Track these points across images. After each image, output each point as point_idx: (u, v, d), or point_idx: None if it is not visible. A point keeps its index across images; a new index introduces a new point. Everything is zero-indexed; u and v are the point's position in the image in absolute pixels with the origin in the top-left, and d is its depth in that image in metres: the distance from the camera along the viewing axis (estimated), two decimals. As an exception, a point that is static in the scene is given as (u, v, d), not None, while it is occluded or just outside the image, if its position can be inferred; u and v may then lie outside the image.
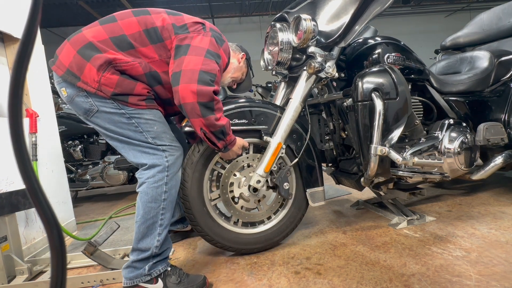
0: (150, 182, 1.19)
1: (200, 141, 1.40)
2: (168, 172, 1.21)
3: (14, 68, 0.33)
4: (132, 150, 1.21)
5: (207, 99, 1.14)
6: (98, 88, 1.13)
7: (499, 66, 1.86)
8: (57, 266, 0.35)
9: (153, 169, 1.19)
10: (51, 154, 2.01)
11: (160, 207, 1.20)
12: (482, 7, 10.51)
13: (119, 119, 1.17)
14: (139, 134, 1.19)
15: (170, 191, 1.23)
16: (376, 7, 1.40)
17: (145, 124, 1.19)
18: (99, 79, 1.12)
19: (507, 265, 1.19)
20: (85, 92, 1.14)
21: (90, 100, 1.15)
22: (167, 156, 1.21)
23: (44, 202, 0.34)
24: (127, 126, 1.18)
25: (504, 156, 1.77)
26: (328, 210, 2.07)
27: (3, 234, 1.41)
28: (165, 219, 1.22)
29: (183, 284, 1.21)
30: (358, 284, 1.16)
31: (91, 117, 1.18)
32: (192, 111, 1.14)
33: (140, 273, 1.18)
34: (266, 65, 1.69)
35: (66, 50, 1.15)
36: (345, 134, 1.76)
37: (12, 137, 0.33)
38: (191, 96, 1.12)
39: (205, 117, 1.16)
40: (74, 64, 1.13)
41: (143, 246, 1.18)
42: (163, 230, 1.21)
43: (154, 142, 1.20)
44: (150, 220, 1.19)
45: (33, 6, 0.33)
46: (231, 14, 9.99)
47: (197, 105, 1.13)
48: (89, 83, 1.12)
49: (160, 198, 1.20)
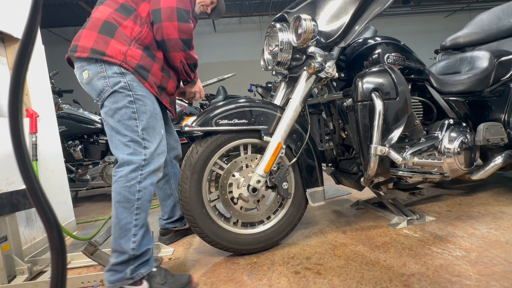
0: (122, 181, 1.18)
1: (198, 142, 1.40)
2: (143, 171, 1.21)
3: (14, 68, 0.33)
4: (117, 139, 1.23)
5: (188, 36, 1.28)
6: (123, 60, 1.21)
7: (499, 66, 1.86)
8: (57, 266, 0.35)
9: (126, 168, 1.19)
10: (51, 154, 2.01)
11: (134, 207, 1.18)
12: (482, 7, 10.50)
13: (123, 100, 1.21)
14: (132, 121, 1.21)
15: (145, 190, 1.21)
16: (376, 7, 1.40)
17: (143, 113, 1.23)
18: (125, 51, 1.22)
19: (507, 265, 1.19)
20: (105, 72, 1.20)
21: (107, 81, 1.20)
22: (146, 154, 1.22)
23: (44, 202, 0.34)
24: (126, 110, 1.21)
25: (504, 156, 1.77)
26: (328, 210, 2.07)
27: (3, 234, 1.41)
28: (140, 219, 1.20)
29: (168, 284, 1.20)
30: (358, 284, 1.16)
31: (104, 100, 1.22)
32: (175, 46, 1.28)
33: (122, 276, 1.16)
34: (266, 65, 1.69)
35: (86, 35, 1.22)
36: (345, 134, 1.76)
37: (12, 137, 0.33)
38: (174, 33, 1.25)
39: (186, 52, 1.31)
40: (99, 43, 1.20)
41: (119, 248, 1.17)
42: (138, 231, 1.19)
43: (141, 134, 1.22)
44: (123, 220, 1.17)
45: (33, 6, 0.33)
46: (231, 14, 9.99)
47: (180, 41, 1.27)
48: (114, 56, 1.19)
49: (133, 198, 1.18)
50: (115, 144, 1.23)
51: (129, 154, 1.20)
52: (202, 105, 5.81)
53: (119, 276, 1.16)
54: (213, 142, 1.39)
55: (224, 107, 1.41)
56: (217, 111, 1.39)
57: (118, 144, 1.22)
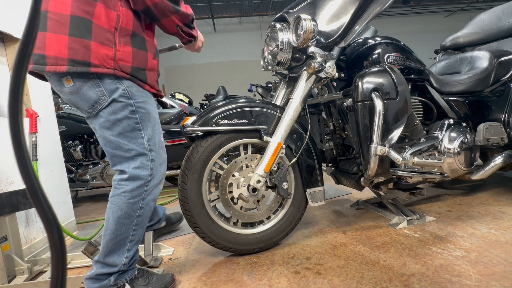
0: (126, 197, 1.10)
1: (198, 142, 1.40)
2: (148, 186, 1.13)
3: (14, 68, 0.33)
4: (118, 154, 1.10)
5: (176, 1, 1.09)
6: (115, 67, 1.01)
7: (499, 66, 1.86)
8: (57, 266, 0.35)
9: (132, 183, 1.10)
10: (51, 154, 2.01)
11: (133, 223, 1.13)
12: (482, 7, 10.51)
13: (124, 111, 1.06)
14: (136, 132, 1.09)
15: (146, 206, 1.15)
16: (376, 7, 1.40)
17: (147, 122, 1.12)
18: (113, 55, 1.00)
19: (507, 265, 1.19)
20: (97, 79, 1.01)
21: (102, 89, 1.02)
22: (152, 168, 1.13)
23: (44, 202, 0.34)
24: (127, 121, 1.07)
25: (504, 156, 1.77)
26: (328, 210, 2.07)
27: (3, 234, 1.41)
28: (137, 235, 1.15)
29: (151, 285, 1.19)
30: (358, 284, 1.16)
31: (98, 111, 1.05)
32: (165, 10, 1.06)
33: (106, 284, 1.12)
34: (266, 65, 1.69)
35: (52, 40, 0.96)
36: (345, 134, 1.76)
37: (12, 137, 0.33)
38: None
39: (178, 12, 1.10)
40: (76, 50, 0.96)
41: (110, 261, 1.12)
42: (133, 246, 1.15)
43: (147, 146, 1.12)
44: (120, 236, 1.11)
45: (33, 6, 0.33)
46: (231, 14, 9.99)
47: (167, 2, 1.05)
48: (102, 64, 0.99)
49: (135, 215, 1.12)
50: (117, 158, 1.11)
51: (136, 169, 1.10)
52: (202, 105, 5.81)
53: (102, 283, 1.12)
54: (213, 142, 1.39)
55: (224, 107, 1.41)
56: (217, 111, 1.39)
57: (120, 158, 1.11)
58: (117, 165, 1.12)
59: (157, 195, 1.19)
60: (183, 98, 5.02)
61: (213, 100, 4.97)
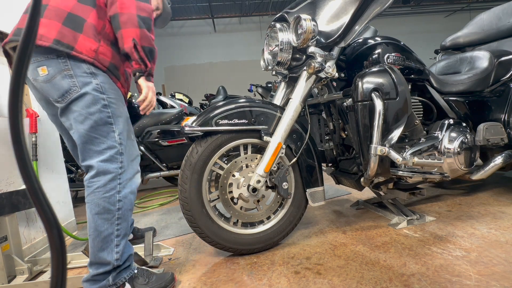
0: (100, 192, 1.11)
1: (198, 142, 1.40)
2: (121, 179, 1.14)
3: (14, 68, 0.33)
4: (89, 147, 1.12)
5: (147, 14, 1.14)
6: (95, 57, 1.10)
7: (499, 66, 1.86)
8: (57, 266, 0.35)
9: (103, 177, 1.11)
10: (51, 154, 2.01)
11: (115, 218, 1.13)
12: (482, 7, 10.52)
13: (96, 104, 1.10)
14: (107, 126, 1.13)
15: (125, 199, 1.15)
16: (376, 7, 1.40)
17: (118, 117, 1.16)
18: (96, 48, 1.10)
19: (507, 265, 1.19)
20: (71, 70, 1.07)
21: (74, 80, 1.08)
22: (122, 161, 1.15)
23: (44, 202, 0.34)
24: (100, 114, 1.11)
25: (504, 156, 1.77)
26: (328, 210, 2.07)
27: (3, 234, 1.41)
28: (122, 228, 1.15)
29: (151, 284, 1.19)
30: (358, 284, 1.16)
31: (70, 102, 1.09)
32: (129, 20, 1.10)
33: (104, 284, 1.12)
34: (266, 65, 1.69)
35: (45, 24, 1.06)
36: (345, 134, 1.76)
37: (12, 137, 0.33)
38: (131, 7, 1.10)
39: (141, 29, 1.13)
40: (65, 35, 1.06)
41: (102, 260, 1.12)
42: (120, 241, 1.14)
43: (118, 139, 1.15)
44: (104, 232, 1.11)
45: (33, 6, 0.33)
46: (231, 14, 10.00)
47: (135, 16, 1.11)
48: (84, 52, 1.08)
49: (114, 208, 1.13)
50: (86, 152, 1.13)
51: (104, 162, 1.12)
52: (202, 105, 5.82)
53: (100, 284, 1.12)
54: (213, 142, 1.39)
55: (224, 107, 1.41)
56: (217, 111, 1.39)
57: (90, 152, 1.12)
58: (87, 159, 1.13)
59: (134, 188, 1.20)
60: (183, 98, 5.03)
61: (213, 100, 4.97)
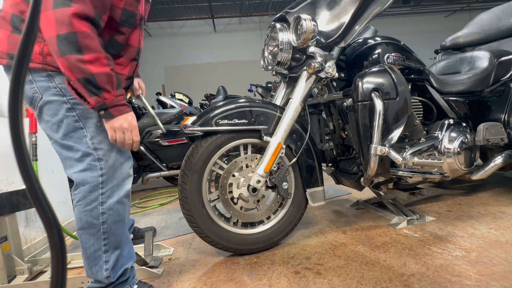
0: (81, 205, 1.02)
1: (198, 142, 1.40)
2: (103, 189, 1.02)
3: (14, 68, 0.33)
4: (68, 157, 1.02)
5: (66, 28, 0.85)
6: (43, 61, 0.96)
7: (499, 66, 1.86)
8: (57, 266, 0.35)
9: (82, 189, 1.01)
10: (51, 154, 2.01)
11: (100, 232, 1.03)
12: (482, 7, 10.51)
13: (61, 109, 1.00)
14: (78, 132, 1.01)
15: (110, 211, 1.04)
16: (376, 7, 1.40)
17: (88, 119, 1.02)
18: (41, 49, 0.95)
19: (507, 265, 1.19)
20: (30, 76, 0.98)
21: (34, 86, 0.99)
22: (102, 168, 1.02)
23: (44, 202, 0.34)
24: (67, 120, 1.00)
25: (504, 156, 1.77)
26: (328, 210, 2.07)
27: (3, 234, 1.41)
28: (110, 243, 1.05)
29: None
30: (358, 284, 1.16)
31: (38, 111, 1.02)
32: (52, 49, 0.88)
33: None
34: (266, 65, 1.69)
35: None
36: (345, 134, 1.76)
37: (12, 137, 0.33)
38: (51, 27, 0.85)
39: (64, 56, 0.86)
40: (12, 45, 0.97)
41: (94, 276, 1.06)
42: (110, 256, 1.05)
43: (91, 144, 1.02)
44: (90, 248, 1.03)
45: (33, 6, 0.33)
46: (231, 14, 10.00)
47: (55, 39, 0.86)
48: (33, 59, 0.95)
49: (98, 222, 1.02)
50: (66, 163, 1.04)
51: (81, 172, 1.01)
52: (202, 105, 5.82)
53: None
54: (213, 142, 1.39)
55: (224, 107, 1.41)
56: (217, 111, 1.39)
57: (70, 162, 1.03)
58: (67, 170, 1.05)
59: (122, 196, 1.07)
60: (183, 98, 5.03)
61: (213, 100, 4.97)
